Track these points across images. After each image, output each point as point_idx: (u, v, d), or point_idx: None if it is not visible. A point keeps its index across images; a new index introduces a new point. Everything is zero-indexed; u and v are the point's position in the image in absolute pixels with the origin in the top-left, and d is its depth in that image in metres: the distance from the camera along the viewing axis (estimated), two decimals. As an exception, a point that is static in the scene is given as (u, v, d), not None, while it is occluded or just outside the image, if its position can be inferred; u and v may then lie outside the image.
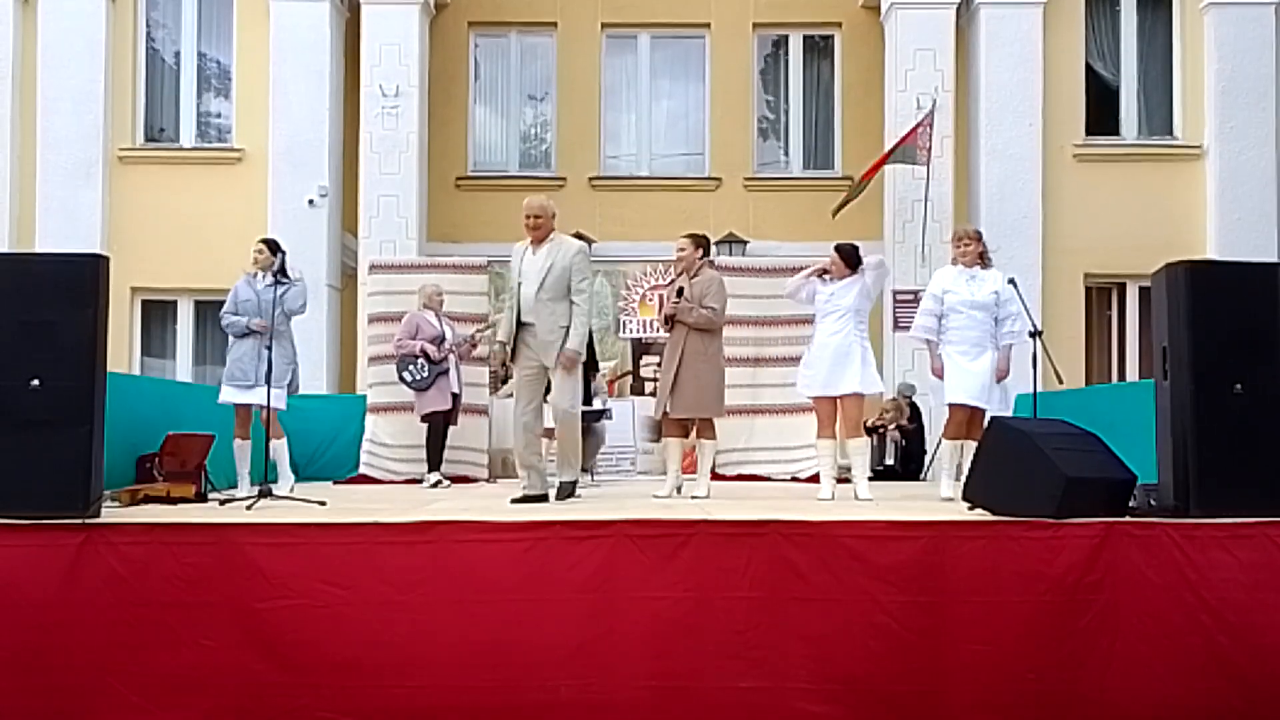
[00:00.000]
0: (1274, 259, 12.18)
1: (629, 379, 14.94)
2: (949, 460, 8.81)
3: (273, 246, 9.28)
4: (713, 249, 14.90)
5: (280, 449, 9.27)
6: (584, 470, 9.66)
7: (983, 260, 8.84)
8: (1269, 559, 5.96)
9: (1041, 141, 15.23)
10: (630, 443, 12.41)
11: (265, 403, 8.56)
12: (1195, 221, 15.17)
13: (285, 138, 15.52)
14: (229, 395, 9.14)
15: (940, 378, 8.69)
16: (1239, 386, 6.22)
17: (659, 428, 9.79)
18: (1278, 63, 15.09)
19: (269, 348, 8.61)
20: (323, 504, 7.57)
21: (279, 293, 8.92)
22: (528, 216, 8.32)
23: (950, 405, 8.70)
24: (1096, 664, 5.87)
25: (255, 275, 9.24)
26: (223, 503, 8.07)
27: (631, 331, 13.12)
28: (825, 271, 8.76)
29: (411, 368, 11.05)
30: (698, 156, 17.26)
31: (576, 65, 17.22)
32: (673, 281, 9.20)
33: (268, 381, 8.44)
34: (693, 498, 8.59)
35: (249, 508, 7.34)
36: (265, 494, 7.75)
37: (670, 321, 9.01)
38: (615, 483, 11.39)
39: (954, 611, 5.93)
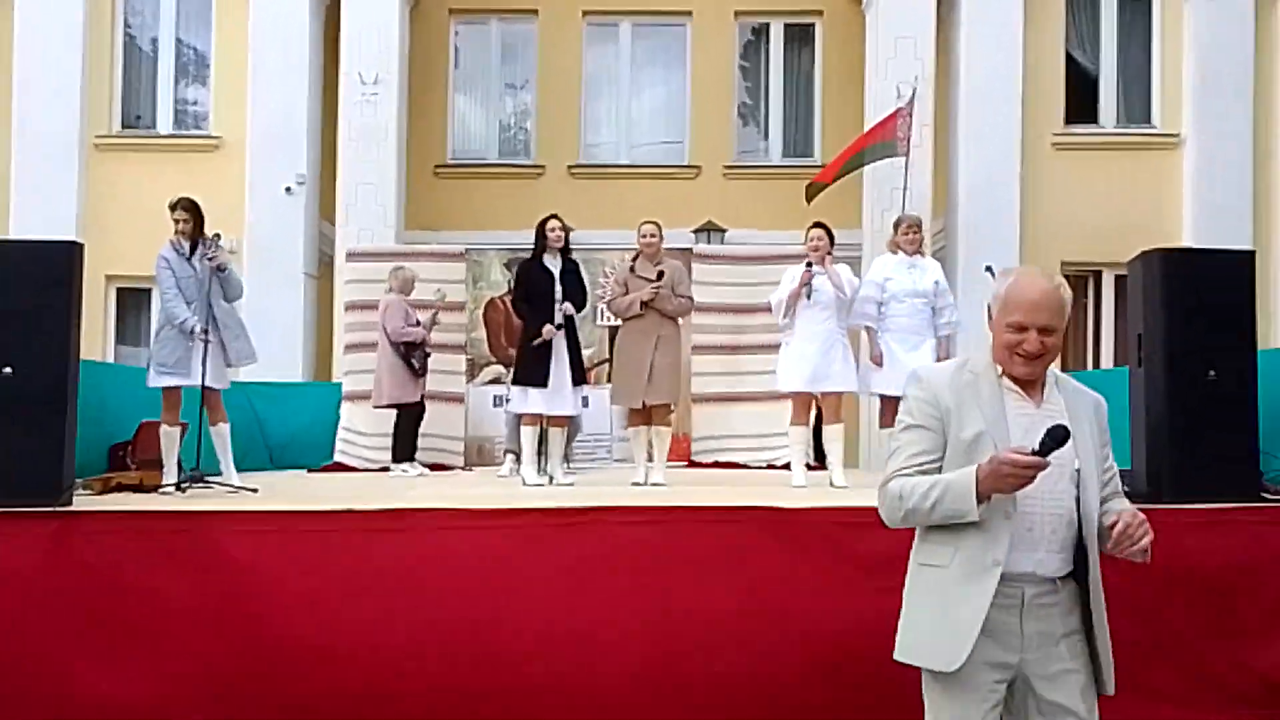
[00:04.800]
0: (1249, 247, 12.21)
1: (605, 367, 14.93)
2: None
3: (198, 210, 8.32)
4: (692, 237, 14.87)
5: (223, 434, 8.42)
6: (563, 459, 9.64)
7: (922, 250, 8.92)
8: (1244, 544, 5.99)
9: (1021, 130, 15.25)
10: (607, 430, 12.40)
11: (203, 383, 8.06)
12: (1172, 210, 15.23)
13: (263, 125, 15.45)
14: (163, 379, 8.15)
15: (879, 365, 8.70)
16: (1212, 373, 6.25)
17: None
18: (1255, 53, 15.13)
19: (206, 331, 8.03)
20: (254, 490, 7.52)
21: (221, 277, 8.23)
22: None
23: (883, 397, 8.76)
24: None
25: (181, 243, 8.25)
26: (157, 489, 7.83)
27: (608, 320, 13.10)
28: (808, 277, 8.65)
29: (416, 354, 10.99)
30: (677, 145, 17.25)
31: (557, 53, 17.18)
32: (632, 266, 9.12)
33: (204, 363, 8.00)
34: (653, 485, 8.59)
35: (180, 489, 7.35)
36: (196, 479, 7.69)
37: (637, 308, 8.91)
38: (593, 470, 11.39)
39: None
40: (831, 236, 8.81)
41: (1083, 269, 15.44)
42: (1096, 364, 15.09)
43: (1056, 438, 3.26)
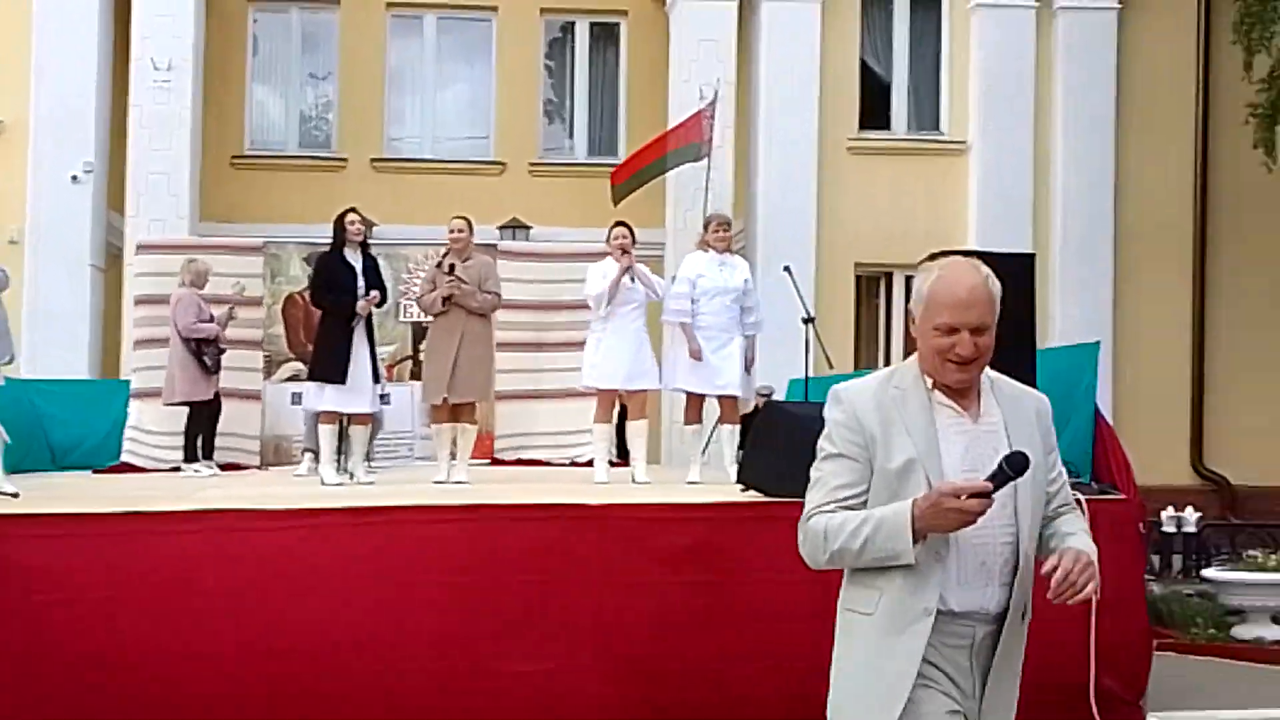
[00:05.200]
0: (1029, 250, 12.79)
1: (409, 363, 14.76)
2: (695, 445, 9.00)
3: None
4: (497, 233, 14.80)
5: None
6: (364, 458, 9.49)
7: (730, 248, 9.09)
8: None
9: (818, 134, 15.64)
10: (409, 428, 12.27)
11: None
12: (959, 214, 15.83)
13: (48, 109, 14.75)
14: None
15: (699, 359, 8.82)
16: (996, 371, 6.51)
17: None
18: (1036, 67, 15.84)
19: None
20: (14, 495, 7.00)
21: None
22: None
23: (689, 393, 8.90)
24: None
25: None
26: None
27: (412, 315, 12.99)
28: (628, 267, 8.71)
29: (209, 350, 10.61)
30: (483, 140, 17.17)
31: (360, 45, 16.89)
32: (440, 263, 9.04)
33: None
34: (455, 483, 8.54)
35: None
36: None
37: (439, 304, 8.82)
38: (395, 469, 11.24)
39: (732, 591, 6.06)
40: (634, 235, 8.88)
41: (875, 270, 15.92)
42: (888, 361, 15.57)
43: (1015, 467, 2.86)
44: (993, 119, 15.76)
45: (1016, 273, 6.75)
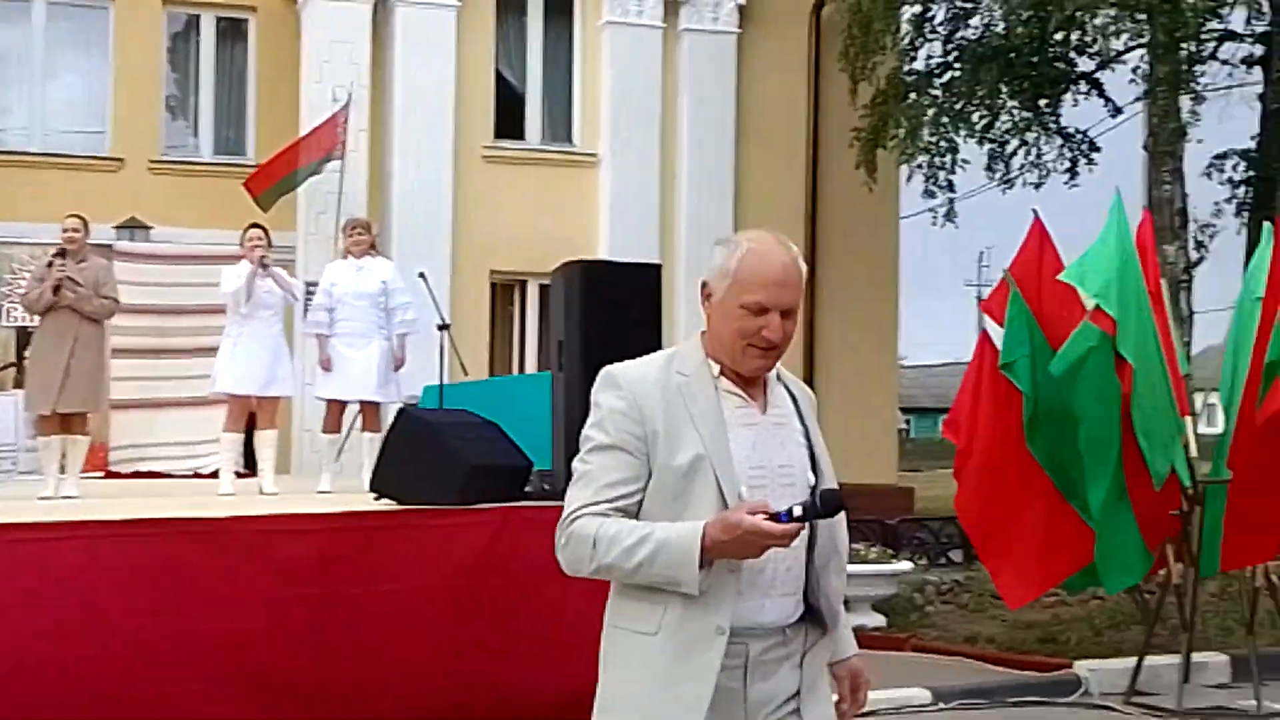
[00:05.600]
0: (657, 260, 13.24)
1: (11, 371, 13.79)
2: (329, 453, 8.91)
3: None
4: (114, 233, 14.01)
5: None
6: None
7: (374, 250, 9.06)
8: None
9: (453, 141, 15.63)
10: (12, 440, 11.43)
11: None
12: (591, 224, 16.19)
13: None
14: None
15: (328, 370, 8.73)
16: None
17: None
18: (663, 82, 16.43)
19: None
20: None
21: None
22: None
23: (329, 401, 8.84)
24: (502, 643, 6.12)
25: None
26: None
27: (16, 319, 12.09)
28: (265, 263, 8.48)
29: None
30: (98, 135, 16.16)
31: (-45, 27, 15.58)
32: (51, 262, 8.48)
33: None
34: (64, 498, 8.07)
35: None
36: None
37: (49, 295, 8.27)
38: (-4, 484, 10.46)
39: (361, 601, 5.97)
40: (269, 237, 8.69)
41: (510, 278, 16.07)
42: (522, 369, 15.75)
43: (828, 507, 2.62)
44: (622, 133, 16.21)
45: (645, 282, 7.04)
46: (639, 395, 2.72)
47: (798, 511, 2.55)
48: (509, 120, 16.34)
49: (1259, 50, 15.93)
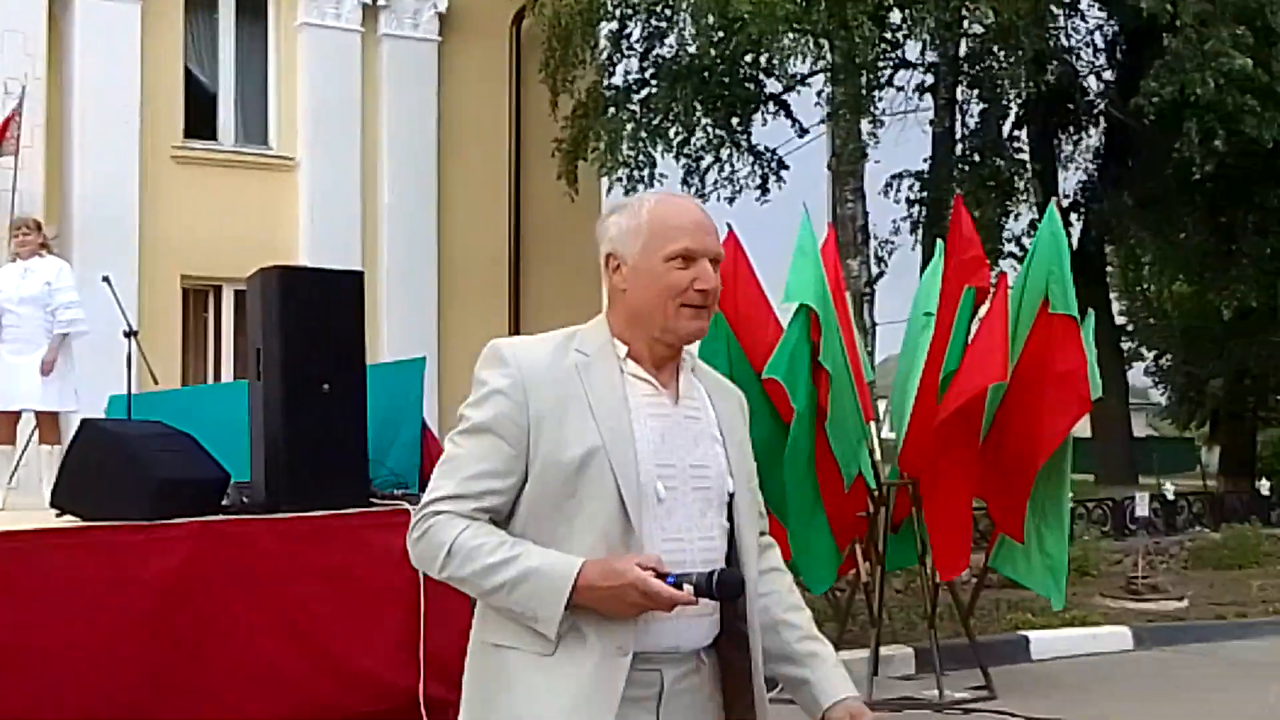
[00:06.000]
0: (359, 267, 13.03)
1: None
2: (2, 468, 8.44)
3: None
4: None
5: None
6: None
7: (45, 251, 8.65)
8: (349, 547, 6.37)
9: (139, 140, 14.93)
10: None
11: None
12: (289, 230, 15.78)
13: None
14: None
15: None
16: (327, 386, 6.59)
17: None
18: (362, 87, 16.18)
19: None
20: None
21: None
22: None
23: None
24: (198, 663, 5.88)
25: None
26: None
27: None
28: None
29: None
30: None
31: None
32: None
33: None
34: None
35: None
36: None
37: None
38: None
39: (43, 625, 5.61)
40: None
41: (203, 283, 15.48)
42: (218, 377, 15.18)
43: (727, 592, 2.31)
44: (321, 137, 15.89)
45: (346, 289, 6.91)
46: (527, 375, 2.39)
47: (687, 587, 2.25)
48: (200, 120, 15.77)
49: (930, 79, 17.13)
